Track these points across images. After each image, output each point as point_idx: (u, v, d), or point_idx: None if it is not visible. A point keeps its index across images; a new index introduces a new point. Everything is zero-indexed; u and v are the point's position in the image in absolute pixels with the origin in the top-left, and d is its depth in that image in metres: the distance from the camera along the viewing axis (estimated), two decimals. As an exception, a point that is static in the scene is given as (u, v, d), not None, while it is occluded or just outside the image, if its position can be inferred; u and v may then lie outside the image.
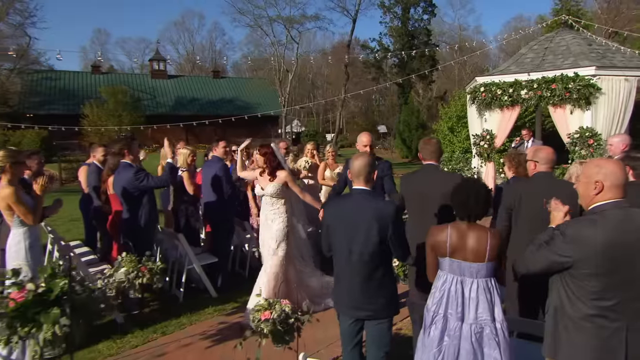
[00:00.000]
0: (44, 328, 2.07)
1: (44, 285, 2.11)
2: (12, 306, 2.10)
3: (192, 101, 40.45)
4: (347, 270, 3.05)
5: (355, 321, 3.10)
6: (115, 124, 21.30)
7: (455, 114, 16.39)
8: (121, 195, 5.22)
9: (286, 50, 37.07)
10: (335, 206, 3.23)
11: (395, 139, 30.92)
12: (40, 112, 33.11)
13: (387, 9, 33.84)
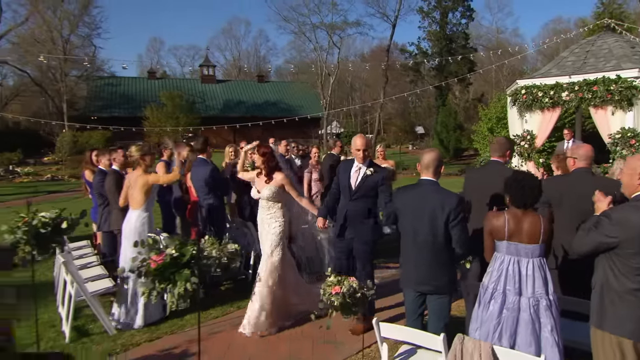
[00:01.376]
0: (178, 285, 2.52)
1: (177, 252, 2.56)
2: (153, 267, 2.55)
3: (239, 104, 41.49)
4: (413, 251, 3.37)
5: (419, 295, 3.42)
6: (172, 125, 22.34)
7: (495, 115, 16.34)
8: (199, 186, 5.74)
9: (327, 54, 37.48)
10: (403, 194, 3.54)
11: (433, 140, 30.80)
12: (103, 114, 34.86)
13: (426, 14, 33.72)
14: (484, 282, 3.19)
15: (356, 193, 4.36)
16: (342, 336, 4.42)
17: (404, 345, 3.34)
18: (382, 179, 4.33)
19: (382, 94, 31.22)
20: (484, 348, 2.64)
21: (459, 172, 19.53)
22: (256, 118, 33.11)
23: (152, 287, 2.61)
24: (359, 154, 4.34)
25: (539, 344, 2.93)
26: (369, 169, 4.33)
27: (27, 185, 18.17)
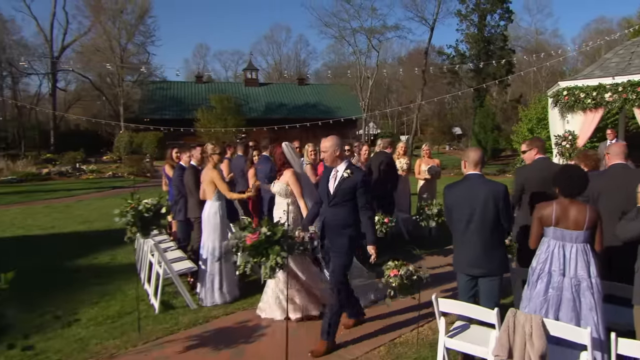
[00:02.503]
0: (270, 258, 2.93)
1: (270, 231, 2.98)
2: (249, 243, 2.98)
3: (280, 106, 42.26)
4: (466, 238, 3.67)
5: (471, 278, 3.72)
6: (222, 127, 23.22)
7: (536, 116, 16.17)
8: (263, 181, 6.21)
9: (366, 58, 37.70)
10: (453, 189, 3.84)
11: (470, 140, 30.46)
12: (155, 116, 36.36)
13: (464, 17, 33.35)
14: (532, 265, 3.45)
15: (334, 198, 4.02)
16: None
17: (458, 321, 3.66)
18: (361, 181, 3.98)
19: (420, 96, 31.16)
20: (534, 320, 2.92)
21: (497, 172, 19.36)
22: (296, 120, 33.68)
23: (247, 261, 3.05)
24: (324, 155, 4.11)
25: (579, 320, 3.18)
26: (346, 170, 4.00)
27: (92, 181, 19.37)
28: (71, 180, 20.23)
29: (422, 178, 8.09)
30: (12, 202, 13.25)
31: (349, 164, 4.10)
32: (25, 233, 9.01)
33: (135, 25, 35.84)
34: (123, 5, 35.27)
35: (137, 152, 28.52)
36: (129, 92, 37.85)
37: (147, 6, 36.29)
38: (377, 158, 7.08)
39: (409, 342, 4.21)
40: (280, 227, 3.04)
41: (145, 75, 36.80)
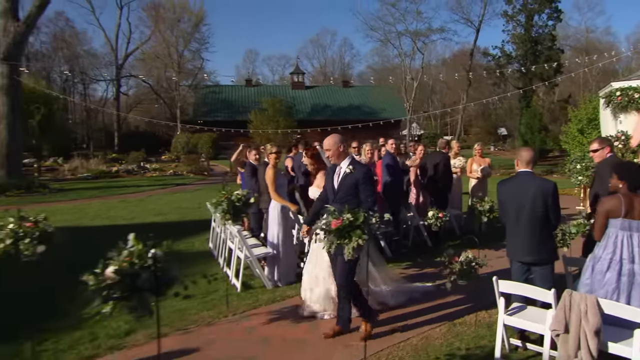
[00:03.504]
0: (352, 240, 3.39)
1: (352, 217, 3.44)
2: (334, 227, 3.45)
3: (325, 108, 42.85)
4: (518, 229, 3.98)
5: (524, 265, 4.02)
6: (273, 128, 24.08)
7: (586, 116, 15.80)
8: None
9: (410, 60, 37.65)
10: (506, 185, 4.15)
11: (517, 141, 29.82)
12: (208, 118, 37.90)
13: (510, 17, 32.68)
14: (597, 254, 3.67)
15: (338, 194, 4.06)
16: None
17: (514, 303, 3.98)
18: (363, 177, 3.99)
19: (465, 97, 30.82)
20: (589, 299, 3.22)
21: (544, 172, 19.00)
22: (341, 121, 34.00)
23: (332, 242, 3.52)
24: (328, 153, 4.14)
25: None
26: (349, 166, 4.04)
27: (156, 178, 20.66)
28: (137, 177, 21.65)
29: (475, 177, 8.32)
30: (92, 196, 14.48)
31: (352, 160, 4.13)
32: (111, 223, 9.96)
33: (191, 33, 37.59)
34: (180, 14, 37.09)
35: (193, 152, 29.93)
36: (184, 95, 39.63)
37: (202, 15, 37.95)
38: (434, 158, 7.40)
39: (467, 322, 4.55)
40: (361, 214, 3.48)
41: (199, 79, 38.51)
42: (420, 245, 7.47)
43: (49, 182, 17.24)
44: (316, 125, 33.57)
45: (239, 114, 39.03)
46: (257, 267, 5.55)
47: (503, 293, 3.72)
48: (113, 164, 25.43)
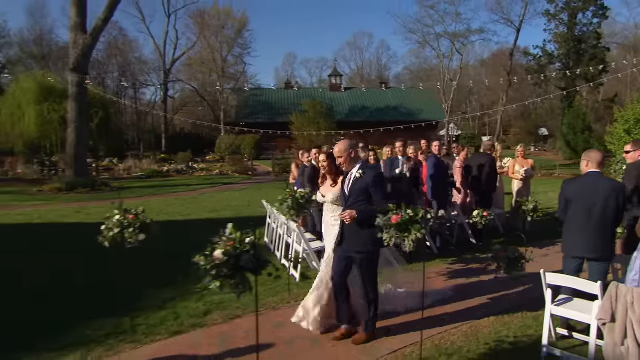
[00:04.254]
0: (412, 233, 3.74)
1: (412, 212, 3.79)
2: (394, 222, 3.81)
3: (363, 109, 43.05)
4: (586, 227, 4.12)
5: (578, 260, 4.23)
6: (314, 130, 24.61)
7: (634, 117, 15.33)
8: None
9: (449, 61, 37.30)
10: (574, 184, 4.34)
11: (559, 141, 29.02)
12: (249, 120, 38.98)
13: (553, 16, 31.80)
14: None
15: (350, 198, 4.04)
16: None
17: (561, 295, 4.20)
18: (372, 181, 3.95)
19: (505, 97, 30.28)
20: (636, 292, 3.43)
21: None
22: (378, 122, 34.10)
23: (391, 236, 3.87)
24: (340, 159, 4.11)
25: None
26: (359, 171, 4.02)
27: (204, 178, 21.61)
28: (186, 177, 22.70)
29: (517, 178, 8.44)
30: (149, 194, 15.43)
31: (362, 164, 4.08)
32: (170, 219, 10.68)
33: (234, 38, 38.79)
34: (224, 21, 38.38)
35: (237, 153, 30.92)
36: (227, 98, 40.90)
37: (245, 21, 39.12)
38: (478, 159, 7.61)
39: (514, 314, 4.79)
40: (419, 209, 3.83)
41: (241, 83, 39.69)
42: (465, 243, 7.69)
43: (109, 181, 18.44)
44: (354, 127, 33.84)
45: (279, 116, 39.83)
46: (314, 259, 5.98)
47: (550, 285, 3.96)
48: (163, 164, 26.72)
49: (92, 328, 4.45)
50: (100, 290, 5.54)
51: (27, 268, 6.64)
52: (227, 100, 41.12)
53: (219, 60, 38.58)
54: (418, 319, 4.34)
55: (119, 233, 3.99)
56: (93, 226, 9.79)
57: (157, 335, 4.33)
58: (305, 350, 4.03)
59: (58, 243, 8.34)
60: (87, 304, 5.14)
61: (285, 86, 46.03)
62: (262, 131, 28.71)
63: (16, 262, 7.01)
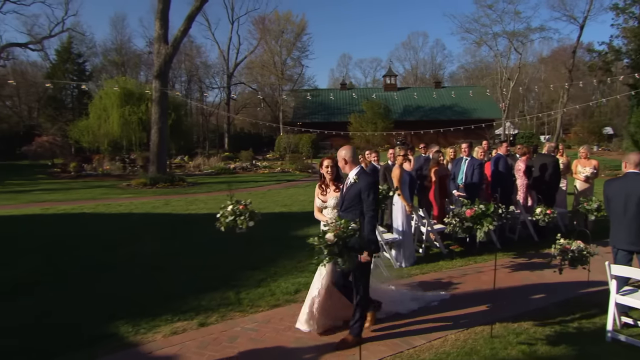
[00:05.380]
0: (484, 225, 4.20)
1: (484, 207, 4.26)
2: (468, 215, 4.29)
3: (417, 109, 42.81)
4: (624, 222, 4.45)
5: (628, 253, 4.50)
6: (372, 130, 25.04)
7: None
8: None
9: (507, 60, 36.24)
10: (613, 183, 4.64)
11: (624, 141, 27.47)
12: (306, 120, 40.03)
13: (622, 10, 29.97)
14: None
15: (344, 203, 4.09)
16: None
17: (626, 286, 4.48)
18: (365, 186, 3.91)
19: (565, 95, 29.07)
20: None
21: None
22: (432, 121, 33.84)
23: (460, 226, 4.36)
24: (344, 165, 4.15)
25: None
26: (355, 176, 4.03)
27: (268, 175, 22.70)
28: (251, 174, 23.93)
29: (581, 179, 8.49)
30: (221, 189, 16.61)
31: (359, 170, 4.08)
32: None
33: (293, 42, 39.89)
34: (284, 26, 39.60)
35: (295, 152, 32.00)
36: (286, 99, 42.21)
37: (304, 26, 40.11)
38: (541, 159, 7.81)
39: (578, 302, 5.09)
40: (491, 205, 4.28)
41: (299, 84, 40.82)
42: (526, 239, 7.92)
43: (184, 177, 19.94)
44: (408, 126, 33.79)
45: (335, 116, 40.56)
46: (386, 250, 6.54)
47: (614, 276, 4.27)
48: (228, 162, 28.23)
49: (204, 300, 5.28)
50: (204, 270, 6.42)
51: (141, 250, 7.72)
52: (285, 101, 42.41)
53: (279, 63, 39.94)
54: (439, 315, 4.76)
55: (233, 220, 4.75)
56: (182, 216, 10.94)
57: (259, 307, 5.08)
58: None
59: (160, 230, 9.47)
60: (196, 280, 6.02)
61: (340, 87, 46.69)
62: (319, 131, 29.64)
63: (131, 245, 8.13)
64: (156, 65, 17.37)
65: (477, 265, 6.56)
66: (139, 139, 29.74)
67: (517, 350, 3.96)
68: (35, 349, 4.10)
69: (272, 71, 38.78)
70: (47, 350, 4.07)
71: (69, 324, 4.63)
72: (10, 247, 8.03)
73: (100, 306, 5.13)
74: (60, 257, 7.26)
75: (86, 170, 24.25)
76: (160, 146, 17.71)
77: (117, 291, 5.63)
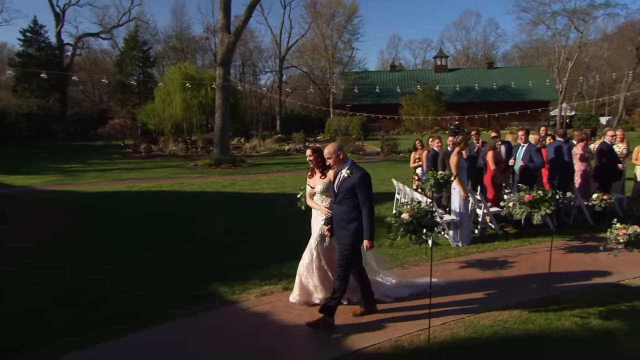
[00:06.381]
0: (542, 209, 4.55)
1: (542, 192, 4.60)
2: (527, 200, 4.65)
3: (468, 90, 41.67)
4: None
5: None
6: (423, 113, 24.95)
7: None
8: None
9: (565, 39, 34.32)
10: None
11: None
12: (355, 102, 40.20)
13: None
14: None
15: (337, 196, 4.27)
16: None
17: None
18: (359, 180, 4.11)
19: (631, 74, 27.33)
20: None
21: None
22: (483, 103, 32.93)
23: (522, 210, 4.72)
24: (329, 161, 4.27)
25: None
26: (347, 171, 4.20)
27: (320, 156, 23.32)
28: (304, 155, 24.67)
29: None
30: (279, 170, 17.49)
31: (350, 164, 4.25)
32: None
33: (344, 25, 39.82)
34: (335, 9, 39.56)
35: (345, 134, 32.40)
36: (336, 81, 42.45)
37: (355, 8, 39.87)
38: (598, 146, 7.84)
39: (633, 284, 5.32)
40: (550, 190, 4.61)
41: (349, 67, 40.88)
42: (581, 223, 8.03)
43: (243, 158, 21.01)
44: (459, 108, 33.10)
45: (384, 98, 40.41)
46: (445, 230, 6.96)
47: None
48: (282, 143, 29.15)
49: (284, 268, 5.98)
50: (279, 243, 7.15)
51: (219, 227, 8.61)
52: (336, 83, 42.68)
53: (329, 47, 40.15)
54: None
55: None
56: (249, 195, 11.79)
57: (332, 276, 5.71)
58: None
59: (232, 208, 10.39)
60: (274, 252, 6.75)
61: (390, 69, 46.20)
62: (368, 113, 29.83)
63: (211, 219, 9.06)
64: (219, 53, 18.29)
65: (531, 247, 6.84)
66: (199, 122, 31.35)
67: (570, 322, 4.33)
68: (143, 307, 4.98)
69: (322, 54, 39.10)
70: (153, 307, 4.92)
71: (172, 285, 5.47)
72: (109, 220, 9.21)
73: (194, 273, 5.92)
74: (150, 230, 8.29)
75: (154, 151, 26.01)
76: (223, 129, 18.77)
77: (206, 261, 6.47)
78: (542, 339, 4.04)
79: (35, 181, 14.72)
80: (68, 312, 4.74)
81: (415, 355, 3.80)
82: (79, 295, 5.22)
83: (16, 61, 37.87)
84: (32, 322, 4.54)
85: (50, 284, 5.57)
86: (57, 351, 3.92)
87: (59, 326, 4.39)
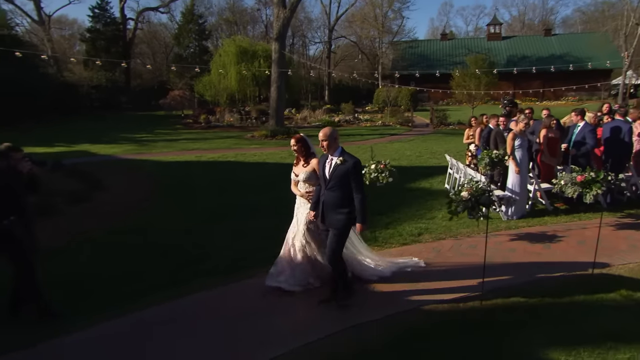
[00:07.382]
0: (593, 189, 4.85)
1: (594, 174, 4.87)
2: (579, 180, 4.94)
3: (523, 59, 39.70)
4: None
5: None
6: (475, 85, 24.39)
7: None
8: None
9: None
10: None
11: None
12: (404, 72, 39.43)
13: None
14: None
15: (330, 182, 4.27)
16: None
17: None
18: (352, 167, 4.18)
19: None
20: None
21: None
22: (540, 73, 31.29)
23: (574, 190, 5.02)
24: (322, 144, 4.32)
25: None
26: (339, 158, 4.25)
27: (370, 128, 23.60)
28: (354, 127, 25.00)
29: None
30: (332, 142, 18.01)
31: (342, 151, 4.34)
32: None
33: (391, -6, 38.72)
34: (386, -23, 38.42)
35: (394, 105, 32.21)
36: (385, 51, 41.72)
37: (407, -25, 38.46)
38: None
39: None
40: (601, 172, 4.87)
41: (399, 36, 39.99)
42: (635, 202, 8.07)
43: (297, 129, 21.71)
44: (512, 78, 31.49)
45: (434, 68, 39.23)
46: (497, 204, 7.32)
47: None
48: (332, 114, 29.53)
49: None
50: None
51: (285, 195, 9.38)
52: (385, 53, 41.96)
53: (379, 16, 39.30)
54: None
55: (376, 177, 5.92)
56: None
57: (392, 244, 6.32)
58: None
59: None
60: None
61: (440, 37, 44.64)
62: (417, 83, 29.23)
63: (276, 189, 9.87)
64: (275, 28, 18.73)
65: (581, 222, 7.07)
66: (252, 93, 32.25)
67: (615, 293, 4.70)
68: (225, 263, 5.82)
69: (372, 24, 38.39)
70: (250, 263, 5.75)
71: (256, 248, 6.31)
72: (189, 187, 10.24)
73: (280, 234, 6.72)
74: (225, 197, 9.21)
75: (212, 121, 27.28)
76: (279, 102, 19.46)
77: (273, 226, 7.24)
78: (586, 306, 4.45)
79: (115, 150, 16.23)
80: (167, 266, 5.70)
81: (471, 313, 4.37)
82: (179, 253, 6.18)
83: (86, 37, 40.15)
84: (135, 278, 5.53)
85: (146, 245, 6.53)
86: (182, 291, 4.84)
87: (156, 282, 5.30)
